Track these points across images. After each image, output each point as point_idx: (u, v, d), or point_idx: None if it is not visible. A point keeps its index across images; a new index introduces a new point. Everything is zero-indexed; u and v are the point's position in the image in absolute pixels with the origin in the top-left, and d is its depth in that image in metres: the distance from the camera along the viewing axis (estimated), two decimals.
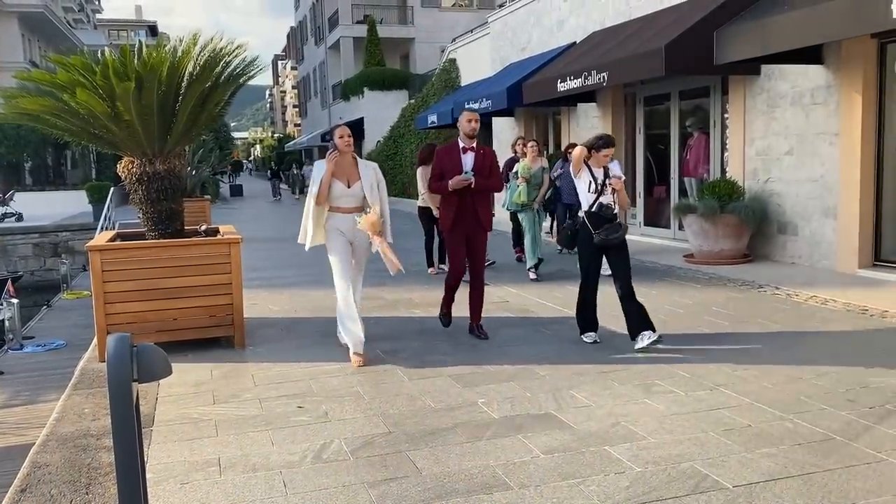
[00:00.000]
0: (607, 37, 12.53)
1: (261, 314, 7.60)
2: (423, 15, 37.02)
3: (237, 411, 4.64)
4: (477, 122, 6.27)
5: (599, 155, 5.85)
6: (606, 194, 5.86)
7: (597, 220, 5.80)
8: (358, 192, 5.78)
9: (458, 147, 6.25)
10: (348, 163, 5.78)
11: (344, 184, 5.72)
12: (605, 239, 5.74)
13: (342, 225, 5.78)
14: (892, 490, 3.29)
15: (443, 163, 6.27)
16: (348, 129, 5.82)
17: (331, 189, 5.68)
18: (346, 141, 5.74)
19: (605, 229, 5.74)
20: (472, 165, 6.18)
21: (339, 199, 5.75)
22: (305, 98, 52.54)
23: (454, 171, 6.13)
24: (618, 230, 5.78)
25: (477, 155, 6.24)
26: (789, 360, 5.34)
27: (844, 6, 7.14)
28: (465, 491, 3.41)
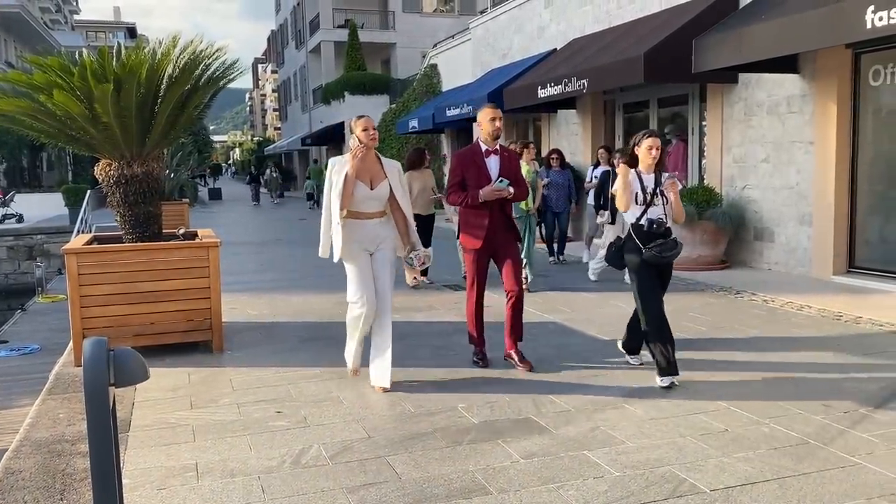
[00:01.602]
0: (587, 44, 12.62)
1: (240, 318, 7.55)
2: (404, 20, 37.06)
3: (215, 416, 4.60)
4: (501, 120, 5.40)
5: (642, 149, 4.94)
6: (656, 206, 4.94)
7: (646, 236, 4.92)
8: (383, 195, 4.99)
9: (479, 150, 5.42)
10: (371, 161, 4.99)
11: (367, 185, 4.92)
12: (657, 256, 4.85)
13: (361, 234, 4.97)
14: (866, 494, 3.33)
15: (464, 169, 5.39)
16: (373, 121, 5.01)
17: (354, 191, 4.91)
18: (371, 135, 4.91)
19: (657, 245, 4.86)
20: (500, 170, 5.36)
21: (362, 202, 4.94)
22: (286, 102, 52.34)
23: (480, 178, 5.30)
24: (673, 247, 4.87)
25: (502, 158, 5.44)
26: (765, 366, 5.40)
27: (820, 17, 7.25)
28: (444, 496, 3.41)
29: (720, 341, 6.18)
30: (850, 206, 8.75)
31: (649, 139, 4.93)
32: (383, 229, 5.06)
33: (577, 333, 6.57)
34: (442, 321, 7.23)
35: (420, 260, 5.07)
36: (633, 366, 5.49)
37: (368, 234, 4.98)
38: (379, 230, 5.03)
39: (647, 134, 4.97)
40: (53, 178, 29.37)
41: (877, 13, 6.61)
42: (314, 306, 8.19)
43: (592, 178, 10.23)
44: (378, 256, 5.04)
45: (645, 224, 4.93)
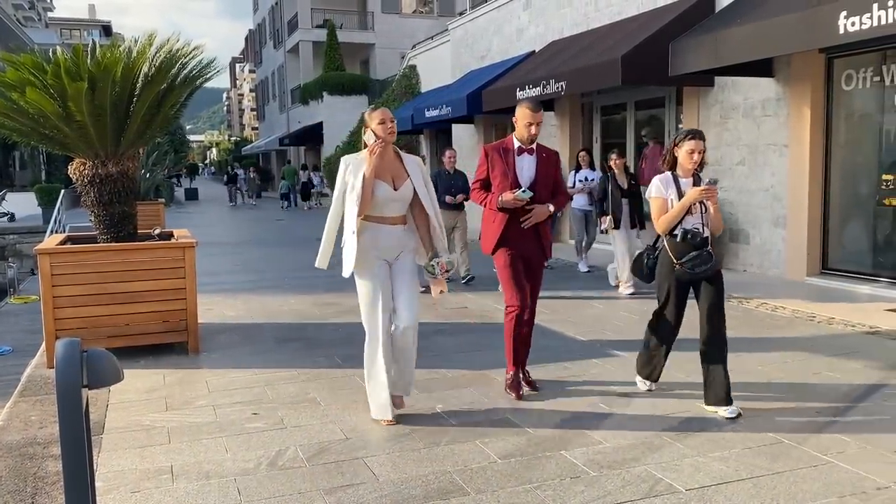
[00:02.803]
0: (566, 46, 12.68)
1: (216, 319, 7.49)
2: (383, 20, 37.01)
3: (190, 418, 4.56)
4: (539, 125, 4.71)
5: (682, 152, 4.40)
6: (693, 214, 4.43)
7: (680, 248, 4.43)
8: (406, 196, 4.33)
9: (511, 146, 4.76)
10: (390, 158, 4.36)
11: (389, 184, 4.26)
12: (690, 272, 4.38)
13: (382, 241, 4.30)
14: (838, 492, 3.38)
15: (491, 166, 4.79)
16: (390, 113, 4.35)
17: (373, 192, 4.24)
18: (389, 128, 4.27)
19: (689, 259, 4.36)
20: (533, 173, 4.73)
21: (384, 205, 4.27)
22: (263, 101, 52.04)
23: (506, 179, 4.68)
24: (708, 261, 4.38)
25: (539, 159, 4.76)
26: (740, 366, 5.45)
27: (794, 22, 7.35)
28: (422, 497, 3.40)
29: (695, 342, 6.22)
30: (824, 208, 8.88)
31: (692, 141, 4.37)
32: (406, 236, 4.41)
33: (555, 335, 6.59)
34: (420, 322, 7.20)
35: (443, 267, 4.41)
36: (608, 366, 5.52)
37: (390, 243, 4.33)
38: (402, 237, 4.38)
39: (690, 135, 4.40)
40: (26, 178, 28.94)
41: (849, 18, 6.71)
42: (291, 307, 8.15)
43: (576, 183, 10.18)
44: (398, 266, 4.38)
45: (680, 234, 4.41)
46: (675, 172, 4.49)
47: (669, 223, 4.44)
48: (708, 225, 4.49)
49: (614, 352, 5.88)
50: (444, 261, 4.42)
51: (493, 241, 4.75)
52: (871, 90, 8.37)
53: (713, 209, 4.45)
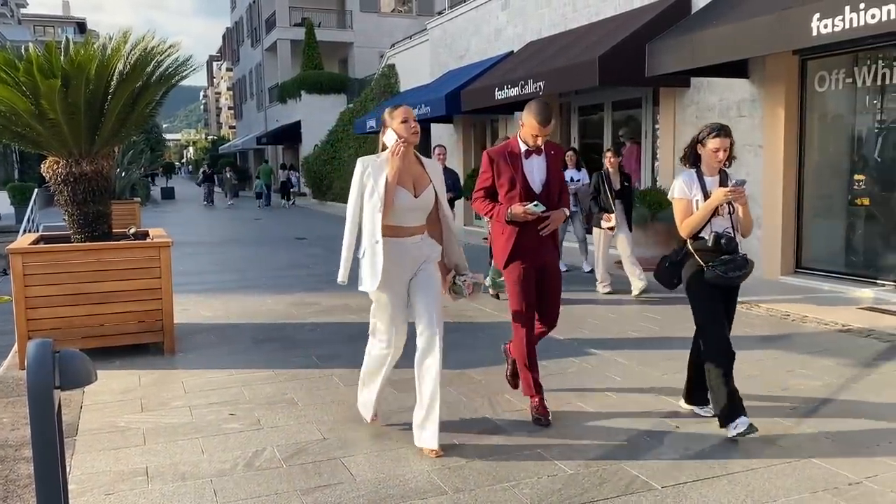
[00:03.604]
0: (544, 47, 12.73)
1: (192, 320, 7.43)
2: (362, 19, 36.93)
3: (166, 419, 4.52)
4: (543, 139, 4.29)
5: (708, 149, 4.06)
6: (721, 215, 4.08)
7: (710, 253, 4.08)
8: (427, 204, 3.93)
9: (517, 149, 4.34)
10: (411, 160, 3.94)
11: (410, 191, 3.84)
12: (723, 276, 3.99)
13: (401, 255, 3.87)
14: (811, 487, 3.43)
15: (496, 172, 4.35)
16: (412, 112, 3.97)
17: (393, 199, 3.82)
18: (412, 128, 3.86)
19: (722, 263, 4.00)
20: (544, 176, 4.34)
21: (403, 214, 3.84)
22: (241, 100, 51.70)
23: (513, 186, 4.29)
24: (742, 266, 4.02)
25: (548, 158, 4.38)
26: None
27: (768, 23, 7.44)
28: (399, 496, 3.40)
29: (672, 340, 6.29)
30: (798, 208, 8.99)
31: (717, 139, 4.02)
32: (426, 248, 3.98)
33: None
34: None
35: (469, 287, 4.02)
36: (585, 363, 5.55)
37: (409, 256, 3.90)
38: (422, 249, 3.96)
39: (716, 132, 4.03)
40: None
41: (822, 21, 6.81)
42: (269, 307, 8.10)
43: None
44: (419, 277, 3.94)
45: (711, 239, 4.05)
46: (699, 170, 4.14)
47: (695, 226, 4.09)
48: (738, 228, 4.13)
49: (592, 350, 5.91)
50: (470, 280, 4.04)
51: (505, 254, 4.34)
52: (844, 91, 8.50)
53: (743, 210, 4.07)
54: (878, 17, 6.34)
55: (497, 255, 4.45)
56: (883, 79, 8.02)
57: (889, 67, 7.93)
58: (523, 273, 4.31)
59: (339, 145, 27.06)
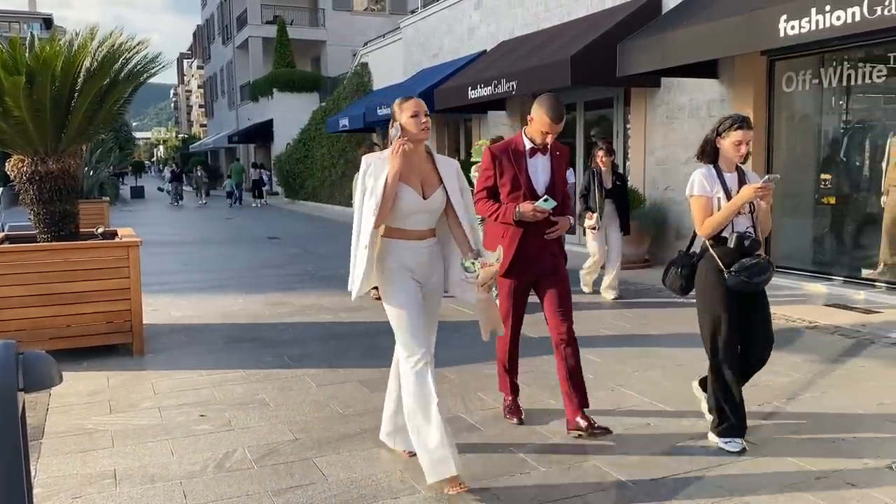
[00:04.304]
0: (516, 46, 12.77)
1: (162, 320, 7.34)
2: (334, 17, 36.76)
3: (135, 421, 4.46)
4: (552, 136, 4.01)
5: (729, 143, 3.79)
6: (742, 213, 3.82)
7: (731, 255, 3.80)
8: (437, 207, 3.54)
9: (522, 148, 4.08)
10: (421, 158, 3.57)
11: (417, 192, 3.49)
12: (746, 282, 3.73)
13: (410, 259, 3.53)
14: (779, 481, 3.48)
15: (498, 170, 4.08)
16: (424, 105, 3.56)
17: (397, 201, 3.45)
18: (423, 123, 3.48)
19: (745, 267, 3.72)
20: (549, 177, 4.08)
21: (408, 217, 3.50)
22: (212, 98, 51.20)
23: (517, 185, 4.03)
24: (766, 269, 3.75)
25: (553, 158, 4.11)
26: (686, 361, 5.57)
27: (736, 24, 7.53)
28: (371, 496, 3.39)
29: (643, 338, 6.35)
30: None
31: (739, 131, 3.76)
32: (434, 257, 3.63)
33: None
34: (372, 321, 7.19)
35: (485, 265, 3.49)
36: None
37: (419, 260, 3.56)
38: (432, 256, 3.61)
39: (737, 124, 3.77)
40: None
41: (789, 22, 6.91)
42: (241, 307, 8.03)
43: None
44: (428, 289, 3.63)
45: (733, 240, 3.77)
46: (717, 166, 3.90)
47: (717, 226, 3.82)
48: (757, 227, 3.88)
49: None
50: (488, 260, 3.52)
51: (507, 259, 3.98)
52: (810, 92, 8.63)
53: (766, 208, 3.83)
54: (843, 20, 6.46)
55: None
56: (848, 80, 8.16)
57: (854, 69, 8.07)
58: (515, 288, 4.11)
59: (311, 144, 26.91)
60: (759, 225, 3.89)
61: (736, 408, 3.87)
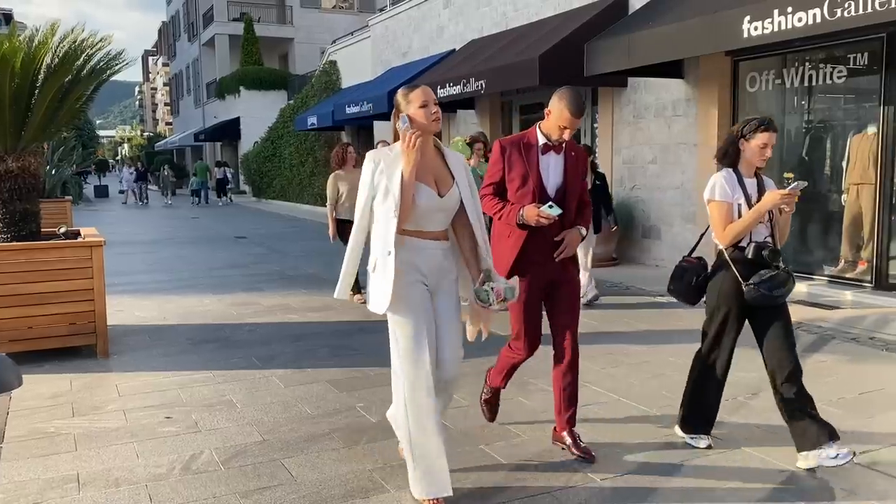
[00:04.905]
0: (485, 45, 12.80)
1: (126, 321, 7.22)
2: (302, 15, 36.51)
3: (99, 424, 4.38)
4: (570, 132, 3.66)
5: (753, 145, 3.61)
6: (763, 222, 3.66)
7: (749, 266, 3.63)
8: (452, 205, 3.29)
9: (534, 141, 3.74)
10: (431, 153, 3.31)
11: (432, 189, 3.23)
12: (767, 295, 3.55)
13: (423, 262, 3.26)
14: (743, 476, 3.53)
15: (508, 165, 3.74)
16: (433, 94, 3.31)
17: (413, 200, 3.18)
18: (433, 114, 3.21)
19: (765, 279, 3.55)
20: (561, 179, 3.73)
21: (424, 216, 3.23)
22: (178, 96, 50.53)
23: (526, 184, 3.68)
24: (786, 281, 3.57)
25: (568, 159, 3.76)
26: (654, 358, 5.63)
27: (701, 25, 7.63)
28: (341, 496, 3.37)
29: (611, 335, 6.40)
30: None
31: (765, 133, 3.57)
32: (448, 258, 3.38)
33: None
34: (340, 321, 7.16)
35: (499, 295, 3.30)
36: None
37: (431, 263, 3.29)
38: (444, 258, 3.35)
39: (763, 126, 3.58)
40: None
41: (752, 23, 7.02)
42: (207, 308, 7.94)
43: None
44: (441, 298, 3.34)
45: (751, 250, 3.60)
46: (737, 170, 3.70)
47: (738, 234, 3.63)
48: (777, 236, 3.72)
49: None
50: (500, 286, 3.31)
51: (508, 261, 3.69)
52: (773, 92, 8.78)
53: (786, 217, 3.70)
54: (804, 21, 6.57)
55: (498, 261, 3.65)
56: (810, 80, 8.31)
57: (815, 69, 8.23)
58: (528, 288, 3.68)
59: (279, 142, 26.69)
60: (779, 234, 3.72)
61: (706, 408, 3.87)
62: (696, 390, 3.90)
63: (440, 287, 3.33)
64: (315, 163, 23.36)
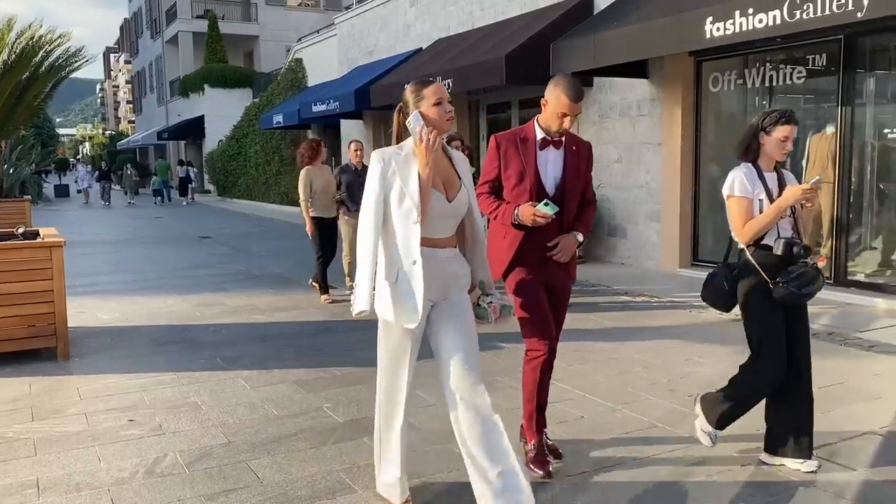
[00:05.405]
0: (452, 44, 12.80)
1: (88, 323, 7.09)
2: (267, 13, 36.18)
3: (59, 427, 4.29)
4: (572, 119, 3.48)
5: (774, 139, 3.49)
6: (786, 217, 3.54)
7: (774, 263, 3.48)
8: (461, 211, 3.11)
9: (532, 137, 3.56)
10: (439, 154, 3.10)
11: (441, 193, 3.03)
12: (796, 293, 3.39)
13: (434, 273, 3.00)
14: (705, 470, 3.58)
15: (504, 162, 3.56)
16: (445, 91, 3.07)
17: None
18: (448, 112, 3.02)
19: (795, 276, 3.39)
20: (560, 174, 3.56)
21: (436, 223, 3.02)
22: (140, 94, 49.72)
23: (523, 181, 3.50)
24: (815, 279, 3.41)
25: (568, 153, 3.59)
26: (619, 355, 5.69)
27: (665, 26, 7.73)
28: (307, 497, 3.35)
29: (577, 332, 6.44)
30: (694, 203, 9.39)
31: (786, 126, 3.46)
32: (458, 265, 3.15)
33: None
34: (307, 321, 7.11)
35: (496, 311, 3.22)
36: (490, 362, 5.60)
37: (444, 273, 3.06)
38: (454, 267, 3.12)
39: (784, 119, 3.46)
40: None
41: (714, 24, 7.13)
42: (171, 308, 7.83)
43: None
44: (450, 305, 3.11)
45: (780, 247, 3.43)
46: (757, 164, 3.57)
47: (759, 231, 3.51)
48: (801, 231, 3.58)
49: (500, 344, 5.98)
50: (497, 302, 3.21)
51: (504, 261, 3.53)
52: (735, 92, 8.92)
53: (806, 211, 3.60)
54: (765, 22, 6.69)
55: (493, 261, 3.50)
56: (770, 80, 8.46)
57: (776, 70, 8.38)
58: (530, 284, 3.47)
59: (244, 141, 26.41)
60: (803, 229, 3.58)
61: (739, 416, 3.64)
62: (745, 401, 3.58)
63: (450, 294, 3.09)
64: (281, 161, 23.16)
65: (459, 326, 3.07)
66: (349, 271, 8.21)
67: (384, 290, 3.02)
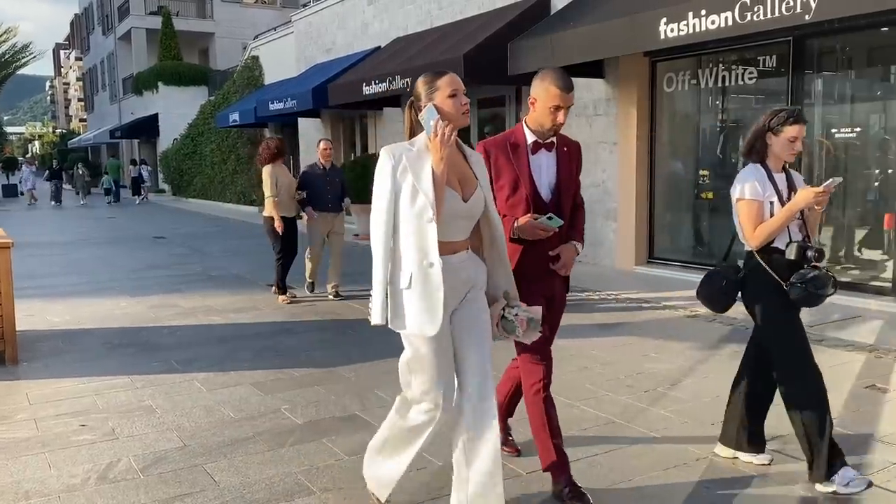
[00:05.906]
0: (410, 43, 12.78)
1: (37, 326, 6.91)
2: (222, 9, 35.68)
3: (7, 434, 4.17)
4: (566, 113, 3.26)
5: (783, 139, 3.36)
6: (796, 219, 3.43)
7: (786, 266, 3.38)
8: (476, 211, 2.90)
9: (523, 142, 3.31)
10: (453, 150, 2.87)
11: (457, 192, 2.83)
12: (814, 295, 3.28)
13: (452, 277, 2.80)
14: (664, 464, 3.64)
15: (495, 172, 3.26)
16: (460, 82, 2.91)
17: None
18: (464, 105, 2.86)
19: (809, 279, 3.28)
20: (554, 179, 3.34)
21: (451, 224, 2.81)
22: (92, 91, 48.59)
23: (517, 189, 3.24)
24: (827, 282, 3.29)
25: (560, 156, 3.38)
26: (578, 352, 5.74)
27: (620, 26, 7.82)
28: (265, 500, 3.31)
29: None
30: (650, 202, 9.52)
31: (795, 126, 3.33)
32: (473, 269, 2.95)
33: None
34: (264, 322, 7.03)
35: (523, 325, 2.95)
36: None
37: (460, 279, 2.87)
38: (471, 270, 2.93)
39: (793, 118, 3.34)
40: None
41: (668, 25, 7.24)
42: (124, 311, 7.67)
43: None
44: (465, 313, 2.92)
45: (793, 251, 3.35)
46: (765, 165, 3.46)
47: (770, 235, 3.40)
48: (811, 234, 3.50)
49: None
50: (523, 315, 2.96)
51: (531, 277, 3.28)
52: (689, 92, 9.08)
53: (817, 213, 3.48)
54: (717, 24, 6.82)
55: None
56: (723, 81, 8.63)
57: (728, 70, 8.54)
58: (534, 299, 3.17)
59: (200, 139, 26.01)
60: (810, 231, 3.49)
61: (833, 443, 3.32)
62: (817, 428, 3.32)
63: (465, 299, 2.92)
64: (237, 160, 22.87)
65: (478, 339, 2.91)
66: (311, 272, 8.23)
67: (397, 298, 2.82)
